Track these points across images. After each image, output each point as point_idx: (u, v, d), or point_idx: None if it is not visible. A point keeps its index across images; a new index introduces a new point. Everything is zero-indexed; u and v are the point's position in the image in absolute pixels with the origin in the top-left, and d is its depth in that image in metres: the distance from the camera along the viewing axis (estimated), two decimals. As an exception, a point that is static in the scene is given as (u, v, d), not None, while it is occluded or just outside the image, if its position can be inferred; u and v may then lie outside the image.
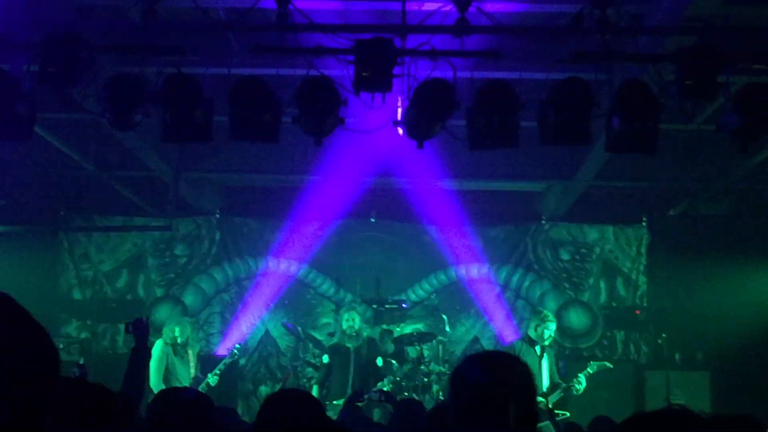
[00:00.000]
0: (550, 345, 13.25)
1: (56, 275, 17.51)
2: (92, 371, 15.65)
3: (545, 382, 13.22)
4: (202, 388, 12.59)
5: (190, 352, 13.31)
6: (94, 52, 9.15)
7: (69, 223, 17.37)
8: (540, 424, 12.99)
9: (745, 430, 4.39)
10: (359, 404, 10.85)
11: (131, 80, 9.18)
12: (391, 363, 14.08)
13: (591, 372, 13.10)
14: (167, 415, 5.08)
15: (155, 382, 12.59)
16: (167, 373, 12.97)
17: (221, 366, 13.27)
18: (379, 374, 13.33)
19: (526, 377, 3.83)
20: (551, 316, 13.43)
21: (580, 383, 12.99)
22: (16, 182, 15.41)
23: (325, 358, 13.48)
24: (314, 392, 13.13)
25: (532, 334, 13.24)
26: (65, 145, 13.39)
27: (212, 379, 13.10)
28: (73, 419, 3.93)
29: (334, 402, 12.72)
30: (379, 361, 13.46)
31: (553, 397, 12.94)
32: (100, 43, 9.31)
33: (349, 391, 12.73)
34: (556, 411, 12.70)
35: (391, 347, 15.01)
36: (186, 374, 13.10)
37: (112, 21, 9.66)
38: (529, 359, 13.19)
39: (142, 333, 7.34)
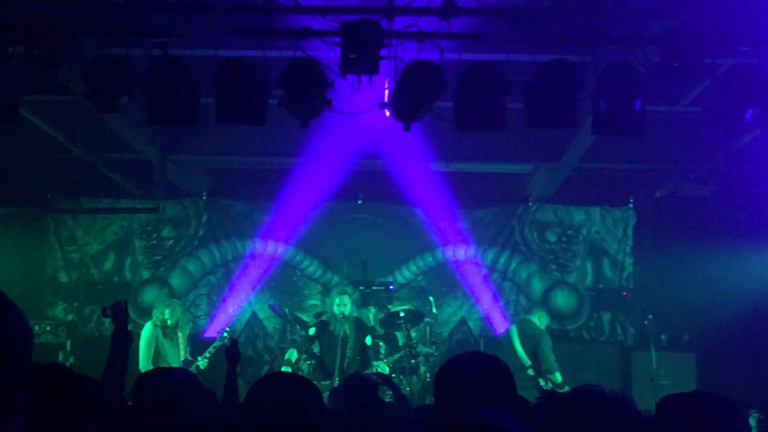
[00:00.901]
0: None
1: (42, 257, 17.46)
2: (79, 353, 15.75)
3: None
4: (191, 370, 12.57)
5: (179, 334, 13.28)
6: (78, 34, 9.11)
7: (55, 205, 17.31)
8: None
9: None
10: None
11: (116, 62, 9.15)
12: (379, 345, 14.07)
13: None
14: (154, 396, 5.01)
15: (144, 365, 12.57)
16: (156, 356, 12.94)
17: (211, 349, 13.22)
18: (368, 356, 13.28)
19: None
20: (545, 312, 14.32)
21: None
22: (2, 165, 15.37)
23: (312, 330, 13.36)
24: (292, 355, 13.07)
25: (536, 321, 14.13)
26: (51, 128, 13.33)
27: (202, 362, 13.05)
28: (52, 409, 3.89)
29: (321, 383, 12.72)
30: (368, 340, 13.40)
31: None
32: (84, 25, 9.27)
33: (337, 373, 12.72)
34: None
35: (380, 330, 15.01)
36: (176, 357, 13.07)
37: (96, 2, 9.60)
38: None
39: (120, 317, 7.11)
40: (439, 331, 16.57)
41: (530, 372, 14.19)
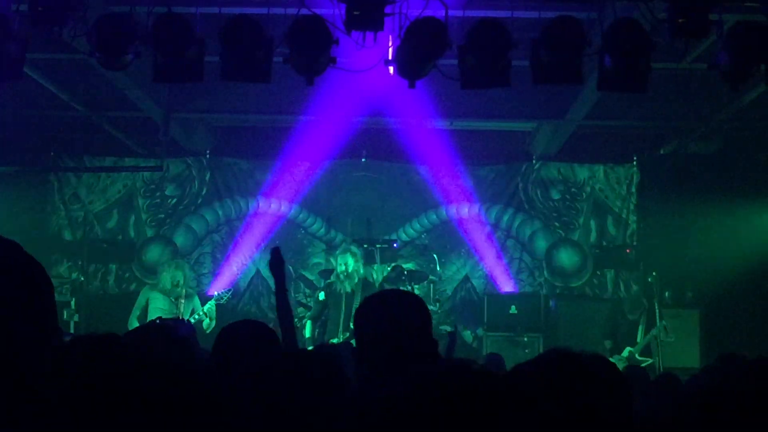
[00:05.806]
0: None
1: (46, 216, 17.46)
2: (84, 312, 15.82)
3: None
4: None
5: (183, 294, 13.28)
6: (84, -9, 9.09)
7: (59, 163, 17.30)
8: None
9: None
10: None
11: (121, 19, 9.14)
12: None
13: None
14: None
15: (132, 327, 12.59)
16: (145, 318, 12.99)
17: (206, 308, 13.22)
18: None
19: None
20: None
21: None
22: (5, 123, 15.35)
23: (321, 295, 13.43)
24: (307, 328, 13.19)
25: None
26: (55, 86, 13.33)
27: (192, 318, 13.06)
28: None
29: (331, 341, 12.75)
30: None
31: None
32: (89, -18, 9.25)
33: (341, 329, 12.77)
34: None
35: (386, 286, 15.02)
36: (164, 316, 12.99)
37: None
38: None
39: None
40: (442, 289, 16.62)
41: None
